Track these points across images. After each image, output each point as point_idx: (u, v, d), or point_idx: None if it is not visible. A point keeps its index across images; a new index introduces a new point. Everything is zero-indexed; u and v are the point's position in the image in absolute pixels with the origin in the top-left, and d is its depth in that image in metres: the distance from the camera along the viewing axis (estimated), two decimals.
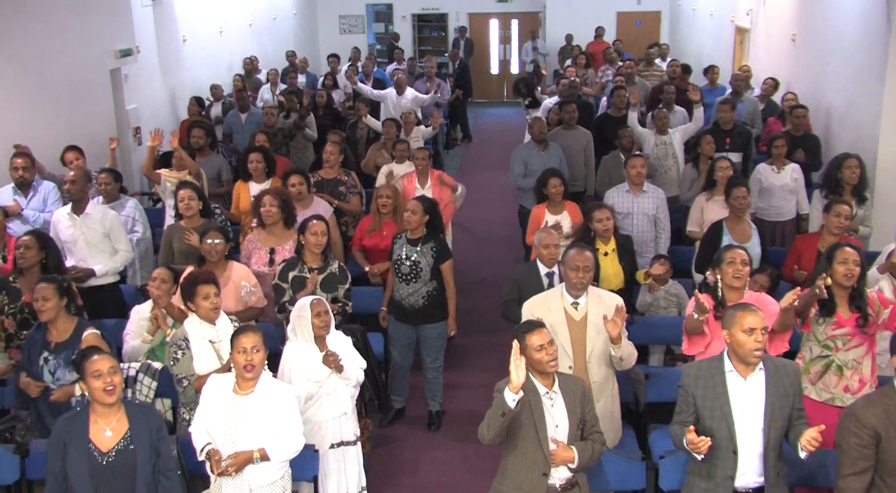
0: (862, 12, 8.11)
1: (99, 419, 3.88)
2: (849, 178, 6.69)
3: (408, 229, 6.00)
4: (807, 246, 5.96)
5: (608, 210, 6.08)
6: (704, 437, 3.76)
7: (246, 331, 4.19)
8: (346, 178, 7.58)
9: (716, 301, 4.66)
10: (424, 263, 5.93)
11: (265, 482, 4.19)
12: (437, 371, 6.24)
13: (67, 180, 6.32)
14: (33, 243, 5.48)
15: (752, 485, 3.91)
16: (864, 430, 3.62)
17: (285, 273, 5.67)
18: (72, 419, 3.93)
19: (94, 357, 3.86)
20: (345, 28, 20.33)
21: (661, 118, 8.52)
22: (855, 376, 4.66)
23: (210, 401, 4.21)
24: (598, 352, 4.64)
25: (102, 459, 3.83)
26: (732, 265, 4.61)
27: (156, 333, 5.32)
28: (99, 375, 3.81)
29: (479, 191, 12.45)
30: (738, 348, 3.85)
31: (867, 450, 3.62)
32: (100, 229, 6.31)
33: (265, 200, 6.17)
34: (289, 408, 4.24)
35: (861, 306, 4.65)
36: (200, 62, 12.29)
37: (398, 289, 6.02)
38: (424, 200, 6.11)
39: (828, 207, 5.89)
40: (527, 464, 3.97)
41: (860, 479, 3.66)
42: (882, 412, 3.62)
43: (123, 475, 3.84)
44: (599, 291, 4.84)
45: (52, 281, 4.94)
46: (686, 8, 17.61)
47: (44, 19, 8.17)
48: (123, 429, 3.88)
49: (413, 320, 6.05)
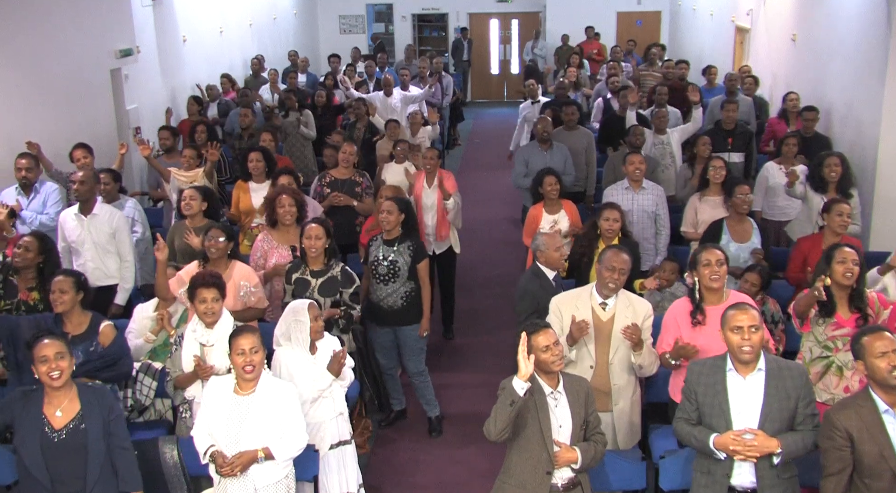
0: (862, 12, 8.11)
1: (52, 399, 4.01)
2: (829, 176, 6.70)
3: (384, 230, 5.97)
4: (812, 247, 5.91)
5: (618, 212, 6.05)
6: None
7: (244, 332, 4.20)
8: (361, 179, 7.54)
9: (694, 305, 4.65)
10: (402, 262, 5.89)
11: (270, 482, 4.20)
12: (422, 376, 6.18)
13: (76, 181, 6.33)
14: (33, 246, 5.50)
15: (748, 485, 3.92)
16: (836, 432, 3.70)
17: (289, 274, 5.67)
18: (26, 394, 4.06)
19: (42, 342, 3.98)
20: (345, 28, 20.33)
21: (659, 118, 8.53)
22: (855, 377, 4.65)
23: (211, 403, 4.22)
24: (622, 355, 4.65)
25: (54, 436, 3.96)
26: (709, 267, 4.59)
27: (159, 333, 5.33)
28: (45, 360, 3.94)
29: (479, 191, 12.46)
30: (728, 346, 3.90)
31: (842, 452, 3.71)
32: (107, 230, 6.33)
33: (284, 201, 6.13)
34: (291, 406, 4.25)
35: (861, 306, 4.66)
36: (200, 62, 12.28)
37: (376, 290, 5.96)
38: (398, 200, 6.07)
39: (828, 207, 5.88)
40: (531, 462, 3.98)
41: (836, 479, 3.75)
42: (854, 415, 3.71)
43: (74, 452, 3.97)
44: (630, 295, 4.83)
45: (70, 275, 5.02)
46: (686, 8, 17.61)
47: (44, 19, 8.17)
48: (75, 409, 4.01)
49: (391, 322, 5.99)
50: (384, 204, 6.03)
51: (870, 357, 3.72)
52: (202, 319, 4.75)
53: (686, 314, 4.64)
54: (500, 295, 8.63)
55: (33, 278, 5.50)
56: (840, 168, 6.70)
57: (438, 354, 7.40)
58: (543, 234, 5.58)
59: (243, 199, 7.27)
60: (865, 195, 7.63)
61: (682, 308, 4.71)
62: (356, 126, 10.00)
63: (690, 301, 4.68)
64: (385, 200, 6.11)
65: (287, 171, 7.07)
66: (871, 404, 3.73)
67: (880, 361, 3.68)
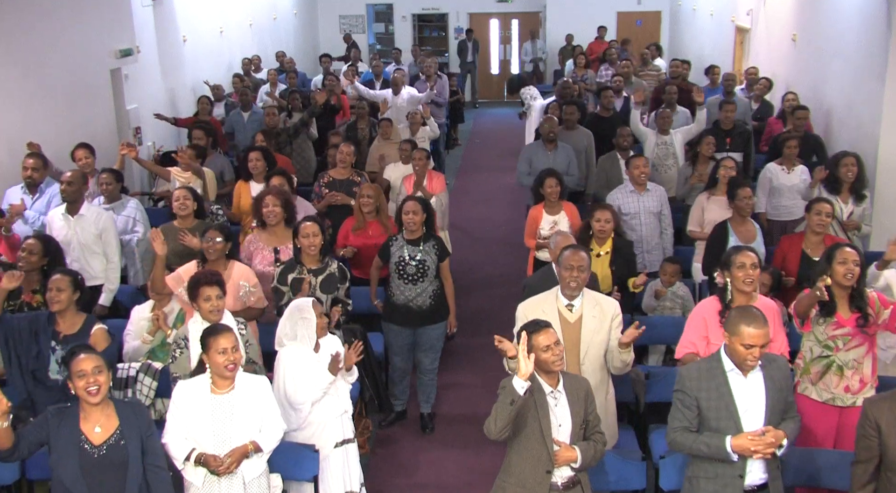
0: (862, 12, 8.11)
1: (88, 415, 3.89)
2: (844, 176, 6.70)
3: (407, 230, 5.97)
4: (791, 246, 5.94)
5: (610, 212, 6.05)
6: None
7: (222, 332, 4.19)
8: (359, 178, 7.56)
9: (723, 305, 4.61)
10: (430, 261, 5.91)
11: (256, 474, 4.24)
12: (433, 373, 6.22)
13: (63, 181, 6.32)
14: (38, 249, 5.51)
15: (758, 482, 3.92)
16: (867, 421, 3.76)
17: (284, 275, 5.65)
18: (61, 412, 3.92)
19: (79, 356, 3.86)
20: (345, 28, 20.33)
21: (663, 118, 8.53)
22: (855, 377, 4.66)
23: (186, 407, 4.18)
24: (593, 355, 4.63)
25: (95, 452, 3.85)
26: (743, 270, 4.54)
27: (156, 333, 5.33)
28: (82, 375, 3.81)
29: (479, 191, 12.47)
30: (734, 355, 3.86)
31: (870, 441, 3.76)
32: (93, 231, 6.32)
33: (268, 201, 6.15)
34: (267, 398, 4.30)
35: (861, 306, 4.65)
36: (200, 62, 12.28)
37: (403, 291, 5.94)
38: (421, 200, 6.09)
39: (808, 207, 5.90)
40: (531, 461, 3.98)
41: (863, 467, 3.83)
42: (887, 407, 3.73)
43: (114, 470, 3.86)
44: (595, 294, 4.80)
45: (68, 274, 5.02)
46: (686, 8, 17.61)
47: (44, 19, 8.16)
48: (113, 425, 3.90)
49: (417, 322, 5.99)
50: (408, 204, 5.97)
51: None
52: (207, 317, 4.74)
53: (715, 314, 4.61)
54: (501, 295, 8.62)
55: (38, 280, 5.49)
56: (856, 168, 6.73)
57: None
58: (559, 233, 5.60)
59: (244, 199, 7.27)
60: None
61: (710, 307, 4.68)
62: (358, 126, 9.99)
63: (720, 301, 4.65)
64: (408, 201, 6.08)
65: (280, 172, 7.08)
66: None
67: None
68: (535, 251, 6.99)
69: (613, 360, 4.63)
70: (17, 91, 7.71)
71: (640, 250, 6.90)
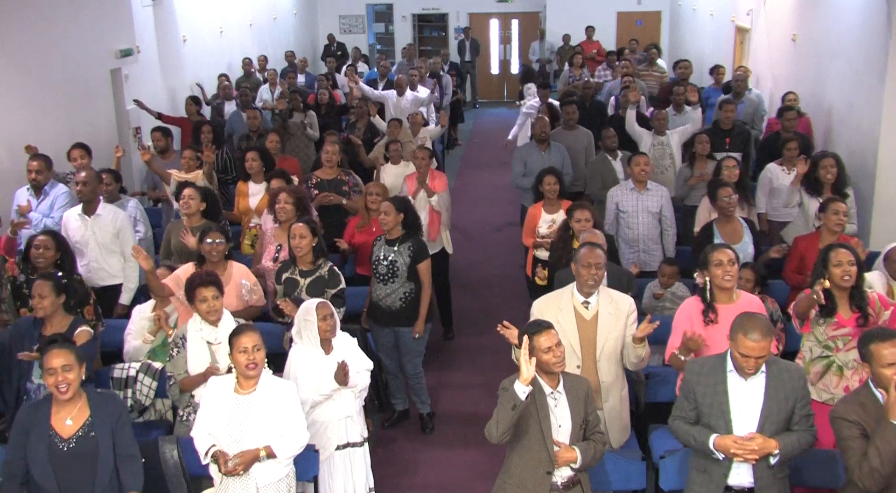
0: (862, 12, 8.11)
1: (60, 408, 3.95)
2: (824, 177, 6.71)
3: (384, 230, 5.97)
4: (809, 247, 5.92)
5: (588, 211, 6.02)
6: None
7: (245, 331, 4.20)
8: (346, 177, 7.58)
9: (705, 304, 4.63)
10: (401, 262, 5.88)
11: (271, 480, 4.20)
12: (418, 377, 6.18)
13: (79, 181, 6.35)
14: (50, 244, 5.52)
15: (746, 484, 3.93)
16: (851, 423, 3.71)
17: (279, 274, 5.68)
18: (34, 407, 3.99)
19: (50, 352, 3.91)
20: (345, 28, 20.33)
21: (660, 119, 8.53)
22: (855, 377, 4.66)
23: (211, 403, 4.22)
24: (608, 352, 4.63)
25: (63, 445, 3.91)
26: (720, 267, 4.57)
27: (157, 333, 5.33)
28: (52, 372, 3.87)
29: (479, 191, 12.47)
30: (735, 359, 3.86)
31: (852, 434, 3.71)
32: (111, 230, 6.36)
33: (280, 197, 6.20)
34: (291, 405, 4.25)
35: (861, 305, 4.65)
36: (200, 62, 12.29)
37: (376, 290, 5.98)
38: (396, 200, 6.06)
39: (824, 207, 5.89)
40: (531, 462, 3.98)
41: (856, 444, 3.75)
42: (859, 407, 3.72)
43: (84, 461, 3.92)
44: (610, 291, 4.81)
45: (48, 278, 4.98)
46: (686, 8, 17.60)
47: (44, 20, 8.17)
48: (84, 417, 3.95)
49: (390, 322, 5.99)
50: (381, 205, 6.02)
51: (877, 366, 3.67)
52: (205, 318, 4.74)
53: (698, 313, 4.62)
54: (500, 295, 8.63)
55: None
56: (835, 169, 6.72)
57: (438, 354, 7.40)
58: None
59: (241, 199, 7.30)
60: (865, 195, 7.63)
61: (693, 307, 4.69)
62: (356, 126, 10.00)
63: (701, 300, 4.66)
64: (382, 201, 6.10)
65: (279, 174, 7.09)
66: (873, 398, 3.73)
67: (887, 370, 3.63)
68: (533, 250, 6.98)
69: (629, 355, 4.64)
70: (17, 91, 7.72)
71: (637, 249, 6.91)
